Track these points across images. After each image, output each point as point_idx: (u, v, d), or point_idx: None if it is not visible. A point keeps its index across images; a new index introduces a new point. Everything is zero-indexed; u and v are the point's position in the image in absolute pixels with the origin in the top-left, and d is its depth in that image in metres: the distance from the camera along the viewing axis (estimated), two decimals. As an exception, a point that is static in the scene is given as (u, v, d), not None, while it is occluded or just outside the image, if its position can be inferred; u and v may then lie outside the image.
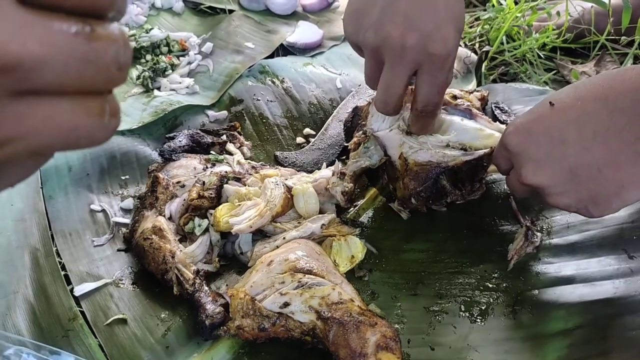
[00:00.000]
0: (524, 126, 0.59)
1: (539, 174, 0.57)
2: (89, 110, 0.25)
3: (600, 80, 0.55)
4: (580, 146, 0.54)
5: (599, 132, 0.53)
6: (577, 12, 1.05)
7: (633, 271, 0.65)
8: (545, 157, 0.56)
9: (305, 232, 0.68)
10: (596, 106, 0.54)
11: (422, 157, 0.70)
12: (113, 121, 0.26)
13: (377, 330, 0.56)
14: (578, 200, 0.57)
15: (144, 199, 0.75)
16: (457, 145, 0.70)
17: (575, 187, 0.56)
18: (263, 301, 0.60)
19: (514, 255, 0.68)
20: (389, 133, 0.72)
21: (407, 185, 0.71)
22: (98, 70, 0.24)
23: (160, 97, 0.96)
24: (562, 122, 0.55)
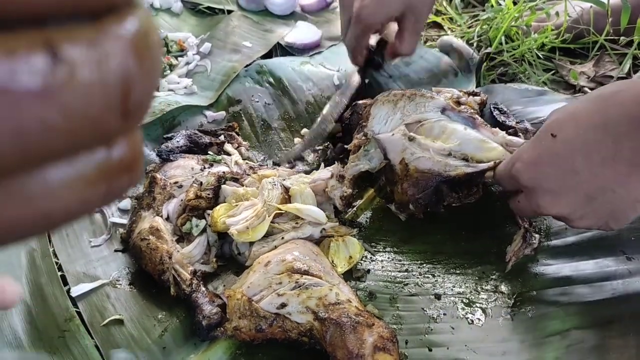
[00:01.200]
0: (532, 161, 0.61)
1: (558, 205, 0.59)
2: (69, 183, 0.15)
3: (597, 106, 0.58)
4: (591, 173, 0.57)
5: (607, 157, 0.55)
6: (575, 12, 1.05)
7: (631, 272, 0.65)
8: (560, 188, 0.59)
9: (304, 233, 0.68)
10: (597, 135, 0.56)
11: (423, 165, 0.69)
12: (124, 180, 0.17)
13: (374, 331, 0.55)
14: (598, 220, 0.59)
15: (142, 199, 0.75)
16: (459, 155, 0.70)
17: (593, 210, 0.58)
18: (260, 302, 0.59)
19: (512, 257, 0.68)
20: (392, 137, 0.72)
21: (405, 190, 0.71)
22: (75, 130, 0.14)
23: (159, 98, 0.96)
24: (569, 153, 0.58)
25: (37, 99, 0.13)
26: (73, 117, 0.14)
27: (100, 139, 0.15)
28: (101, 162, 0.16)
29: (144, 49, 0.15)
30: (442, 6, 1.22)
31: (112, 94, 0.15)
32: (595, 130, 0.56)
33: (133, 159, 0.17)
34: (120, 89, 0.15)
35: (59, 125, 0.14)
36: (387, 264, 0.71)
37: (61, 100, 0.14)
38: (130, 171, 0.17)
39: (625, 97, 0.55)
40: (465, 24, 1.17)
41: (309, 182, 0.74)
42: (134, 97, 0.15)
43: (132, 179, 0.17)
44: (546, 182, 0.59)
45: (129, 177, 0.17)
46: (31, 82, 0.13)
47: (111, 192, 0.16)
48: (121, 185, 0.17)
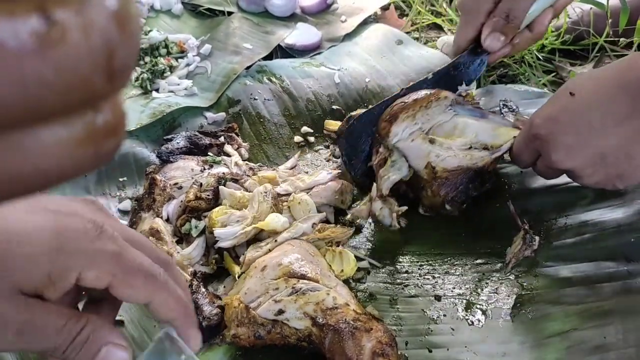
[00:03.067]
0: (550, 116, 0.63)
1: (571, 159, 0.61)
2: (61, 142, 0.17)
3: (616, 68, 0.60)
4: (606, 131, 0.59)
5: (622, 116, 0.57)
6: (575, 14, 1.05)
7: (631, 273, 0.65)
8: (575, 143, 0.61)
9: (297, 232, 0.68)
10: (618, 92, 0.58)
11: (451, 164, 0.70)
12: (110, 142, 0.18)
13: (372, 336, 0.55)
14: (606, 178, 0.62)
15: (141, 200, 0.75)
16: (479, 146, 0.71)
17: (604, 167, 0.61)
18: (257, 309, 0.59)
19: (512, 258, 0.68)
20: (412, 143, 0.72)
21: (436, 192, 0.71)
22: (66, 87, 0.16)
23: (159, 99, 0.96)
24: (587, 110, 0.60)
25: (34, 56, 0.15)
26: (65, 74, 0.16)
27: (88, 101, 0.17)
28: (89, 125, 0.17)
29: (124, 18, 0.17)
30: (442, 7, 1.22)
31: (98, 55, 0.16)
32: (614, 89, 0.58)
33: (117, 123, 0.18)
34: (105, 52, 0.16)
35: (53, 81, 0.15)
36: (387, 265, 0.71)
37: (54, 58, 0.15)
38: (116, 135, 0.18)
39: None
40: (465, 25, 1.17)
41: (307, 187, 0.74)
42: (117, 60, 0.17)
43: (117, 142, 0.19)
44: (562, 136, 0.61)
45: (115, 140, 0.18)
46: (29, 41, 0.15)
47: (98, 154, 0.18)
48: (108, 147, 0.18)
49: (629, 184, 0.63)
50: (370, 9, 1.18)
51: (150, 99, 0.96)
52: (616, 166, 0.60)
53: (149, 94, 0.98)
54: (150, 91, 0.99)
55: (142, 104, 0.95)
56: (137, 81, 1.01)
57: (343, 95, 0.99)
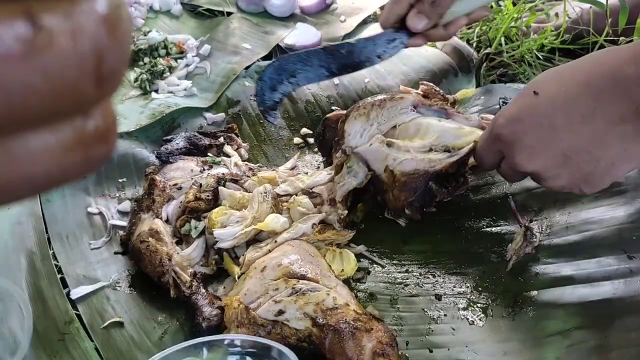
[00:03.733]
0: (513, 116, 0.61)
1: (533, 161, 0.59)
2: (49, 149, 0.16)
3: (581, 65, 0.58)
4: (569, 131, 0.56)
5: (586, 115, 0.55)
6: (575, 13, 1.05)
7: (632, 271, 0.65)
8: (537, 143, 0.59)
9: (297, 233, 0.68)
10: (580, 91, 0.56)
11: (408, 167, 0.69)
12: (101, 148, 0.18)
13: (372, 336, 0.55)
14: (571, 181, 0.59)
15: (141, 201, 0.75)
16: (440, 148, 0.70)
17: (568, 170, 0.58)
18: (257, 309, 0.59)
19: (513, 255, 0.68)
20: (370, 147, 0.71)
21: (397, 197, 0.71)
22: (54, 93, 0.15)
23: (158, 100, 0.96)
24: (550, 109, 0.58)
25: (20, 62, 0.14)
26: (52, 80, 0.15)
27: (77, 106, 0.16)
28: (78, 130, 0.17)
29: (114, 22, 0.16)
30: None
31: (87, 61, 0.16)
32: (578, 88, 0.56)
33: (107, 129, 0.18)
34: (93, 57, 0.16)
35: (40, 87, 0.15)
36: (387, 264, 0.71)
37: (41, 64, 0.15)
38: (106, 141, 0.18)
39: (611, 57, 0.56)
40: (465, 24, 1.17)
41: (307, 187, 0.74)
42: (107, 65, 0.16)
43: (107, 148, 0.18)
44: (525, 137, 0.59)
45: (105, 146, 0.18)
46: (15, 46, 0.14)
47: (88, 160, 0.17)
48: (98, 154, 0.18)
49: (597, 188, 0.59)
50: (370, 8, 1.18)
51: (150, 100, 0.96)
52: (580, 168, 0.58)
53: (148, 94, 0.98)
54: (149, 92, 0.99)
55: (142, 105, 0.95)
56: (136, 82, 1.01)
57: (342, 96, 0.98)
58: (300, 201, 0.71)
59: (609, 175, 0.58)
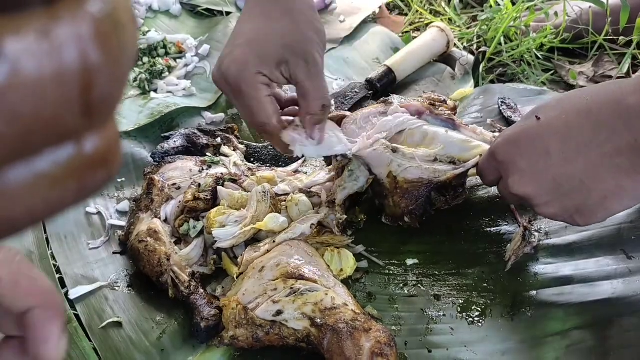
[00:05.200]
0: (511, 138, 0.61)
1: (524, 185, 0.59)
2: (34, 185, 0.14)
3: (585, 94, 0.58)
4: (563, 158, 0.56)
5: (582, 144, 0.55)
6: (574, 12, 1.05)
7: (631, 271, 0.65)
8: (530, 168, 0.58)
9: (295, 233, 0.67)
10: (580, 119, 0.55)
11: (412, 175, 0.69)
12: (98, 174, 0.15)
13: (371, 336, 0.55)
14: (563, 210, 0.58)
15: (140, 201, 0.75)
16: (445, 159, 0.69)
17: (559, 198, 0.58)
18: (256, 310, 0.59)
19: (512, 256, 0.68)
20: (373, 152, 0.70)
21: (398, 203, 0.70)
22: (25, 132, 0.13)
23: (157, 100, 0.96)
24: (547, 134, 0.57)
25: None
26: (20, 122, 0.12)
27: (60, 138, 0.14)
28: (69, 159, 0.14)
29: (109, 32, 0.13)
30: (440, 7, 1.22)
31: (69, 89, 0.13)
32: (578, 116, 0.56)
33: (108, 151, 0.15)
34: (78, 83, 0.13)
35: (5, 133, 0.12)
36: (386, 264, 0.71)
37: (3, 106, 0.12)
38: (106, 164, 0.15)
39: (614, 88, 0.55)
40: (464, 24, 1.17)
41: (305, 187, 0.74)
42: (98, 90, 0.13)
43: (108, 172, 0.15)
44: (519, 159, 0.59)
45: (105, 170, 0.15)
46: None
47: (85, 188, 0.15)
48: (96, 180, 0.15)
49: (590, 221, 0.58)
50: (369, 8, 1.17)
51: (149, 100, 0.96)
52: (572, 198, 0.57)
53: (147, 94, 0.98)
54: (148, 92, 0.99)
55: (140, 105, 0.95)
56: (135, 82, 1.00)
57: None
58: (298, 199, 0.70)
59: (603, 208, 0.56)
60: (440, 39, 1.03)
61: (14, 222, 0.14)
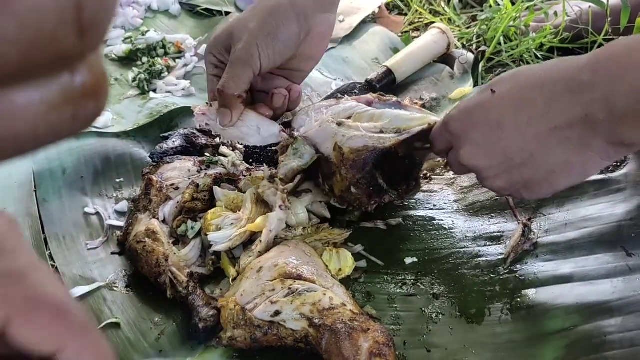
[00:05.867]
0: (465, 109, 0.61)
1: (475, 157, 0.59)
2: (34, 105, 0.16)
3: (539, 68, 0.59)
4: (515, 131, 0.56)
5: (533, 118, 0.55)
6: (574, 12, 1.05)
7: (631, 269, 0.65)
8: (482, 140, 0.59)
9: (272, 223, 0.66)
10: (533, 93, 0.56)
11: (357, 143, 0.68)
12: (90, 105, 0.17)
13: (369, 336, 0.55)
14: (511, 184, 0.59)
15: (138, 201, 0.74)
16: (391, 130, 0.69)
17: (508, 171, 0.58)
18: (254, 310, 0.59)
19: (511, 253, 0.67)
20: (319, 129, 0.71)
21: (344, 176, 0.69)
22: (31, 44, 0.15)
23: (156, 100, 0.96)
24: (501, 108, 0.58)
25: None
26: (28, 28, 0.14)
27: (59, 60, 0.16)
28: (65, 87, 0.16)
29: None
30: (440, 7, 1.22)
31: (65, 9, 0.15)
32: (532, 89, 0.56)
33: (96, 84, 0.17)
34: (72, 6, 0.15)
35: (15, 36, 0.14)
36: (385, 264, 0.71)
37: (14, 11, 0.14)
38: (96, 97, 0.17)
39: (569, 63, 0.55)
40: (464, 24, 1.17)
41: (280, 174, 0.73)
42: (87, 13, 0.15)
43: (98, 104, 0.18)
44: (471, 131, 0.59)
45: (95, 103, 0.17)
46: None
47: (78, 117, 0.17)
48: (87, 111, 0.17)
49: (535, 195, 0.60)
50: (369, 8, 1.17)
51: (148, 100, 0.96)
52: (521, 171, 0.57)
53: (146, 94, 0.98)
54: (147, 92, 0.99)
55: (140, 105, 0.95)
56: (134, 82, 1.00)
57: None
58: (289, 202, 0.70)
59: (549, 183, 0.58)
60: (441, 40, 1.03)
61: (19, 140, 0.16)
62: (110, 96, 0.97)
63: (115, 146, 0.86)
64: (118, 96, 0.98)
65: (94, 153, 0.84)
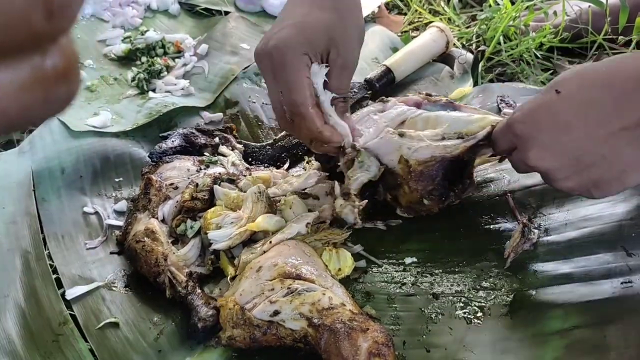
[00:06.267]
0: (531, 112, 0.60)
1: (545, 159, 0.59)
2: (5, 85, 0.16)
3: (604, 66, 0.58)
4: (585, 132, 0.56)
5: (603, 118, 0.55)
6: (574, 12, 1.05)
7: (631, 269, 0.64)
8: (551, 142, 0.58)
9: (291, 233, 0.67)
10: (601, 93, 0.55)
11: (424, 155, 0.68)
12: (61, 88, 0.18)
13: (368, 336, 0.55)
14: (581, 185, 0.59)
15: (137, 201, 0.74)
16: (453, 136, 0.69)
17: (579, 172, 0.58)
18: (253, 310, 0.58)
19: (511, 253, 0.67)
20: (380, 141, 0.70)
21: (414, 188, 0.69)
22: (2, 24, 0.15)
23: (155, 99, 0.95)
24: (569, 109, 0.57)
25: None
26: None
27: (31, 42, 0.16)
28: (36, 69, 0.16)
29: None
30: (440, 6, 1.21)
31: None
32: (600, 89, 0.56)
33: (68, 67, 0.17)
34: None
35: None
36: (384, 263, 0.71)
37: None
38: (67, 80, 0.17)
39: (635, 60, 0.55)
40: (463, 24, 1.17)
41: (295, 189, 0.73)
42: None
43: (69, 87, 0.18)
44: (539, 133, 0.59)
45: (66, 86, 0.17)
46: None
47: (50, 100, 0.17)
48: (59, 93, 0.17)
49: (606, 194, 0.59)
50: (368, 7, 1.17)
51: (147, 99, 0.96)
52: (591, 171, 0.57)
53: (146, 94, 0.98)
54: (146, 91, 0.99)
55: (139, 104, 0.95)
56: (133, 81, 1.00)
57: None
58: (291, 201, 0.70)
59: (620, 181, 0.57)
60: (439, 39, 1.03)
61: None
62: (110, 96, 0.97)
63: (114, 146, 0.86)
64: (117, 96, 0.98)
65: (93, 152, 0.84)
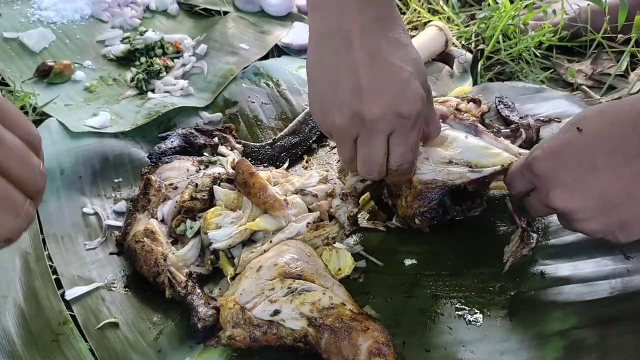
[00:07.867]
0: (552, 150, 0.58)
1: (569, 199, 0.56)
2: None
3: (628, 104, 0.56)
4: (611, 171, 0.54)
5: (630, 157, 0.53)
6: (573, 10, 1.05)
7: (630, 271, 0.65)
8: (575, 182, 0.56)
9: (291, 232, 0.67)
10: (626, 131, 0.54)
11: (426, 176, 0.67)
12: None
13: (369, 335, 0.55)
14: (606, 226, 0.56)
15: (137, 201, 0.74)
16: (461, 162, 0.68)
17: (604, 213, 0.55)
18: (253, 309, 0.59)
19: (510, 257, 0.67)
20: None
21: (410, 204, 0.69)
22: None
23: (154, 99, 0.95)
24: (592, 148, 0.55)
25: None
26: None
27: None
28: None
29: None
30: (439, 5, 1.21)
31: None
32: (623, 127, 0.54)
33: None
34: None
35: None
36: (385, 264, 0.71)
37: None
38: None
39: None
40: (463, 23, 1.17)
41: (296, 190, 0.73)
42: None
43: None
44: (562, 173, 0.56)
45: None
46: None
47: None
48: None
49: (632, 237, 0.56)
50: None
51: (146, 100, 0.96)
52: (618, 212, 0.54)
53: (145, 94, 0.98)
54: (145, 91, 0.99)
55: (138, 105, 0.95)
56: (132, 82, 1.00)
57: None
58: (292, 201, 0.70)
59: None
60: (438, 37, 1.03)
61: None
62: (109, 96, 0.97)
63: (113, 146, 0.86)
64: (116, 96, 0.98)
65: (92, 153, 0.84)
